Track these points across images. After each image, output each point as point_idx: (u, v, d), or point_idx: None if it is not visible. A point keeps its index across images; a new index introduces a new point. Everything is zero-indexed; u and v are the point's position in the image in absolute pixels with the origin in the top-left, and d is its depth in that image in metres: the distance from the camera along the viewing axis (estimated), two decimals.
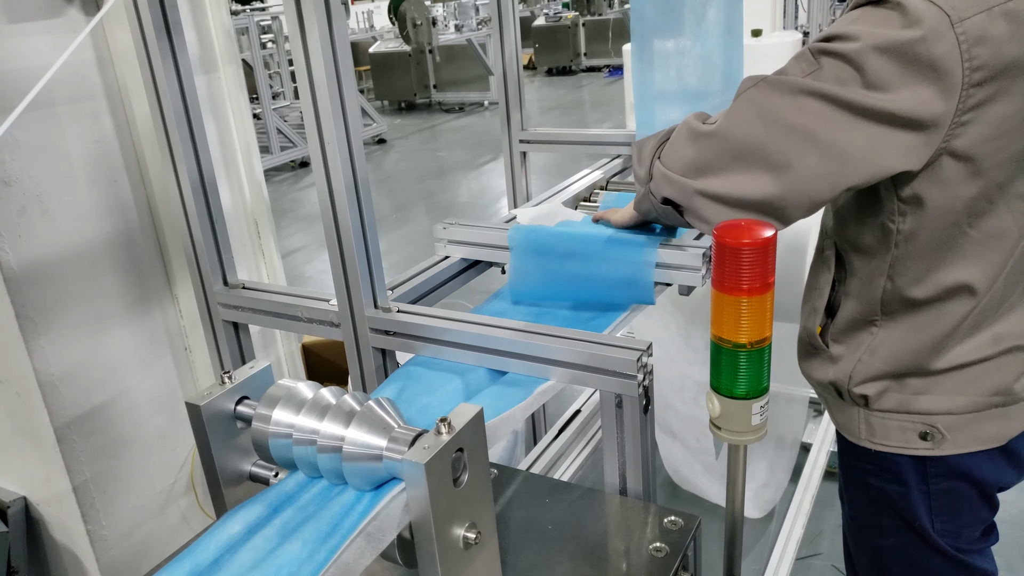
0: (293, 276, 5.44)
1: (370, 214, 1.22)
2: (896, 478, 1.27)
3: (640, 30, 1.67)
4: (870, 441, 1.27)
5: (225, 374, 0.96)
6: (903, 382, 1.22)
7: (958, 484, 1.24)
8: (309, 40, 1.10)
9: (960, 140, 1.04)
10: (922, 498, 1.26)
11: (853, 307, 1.24)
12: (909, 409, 1.22)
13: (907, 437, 1.23)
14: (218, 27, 1.98)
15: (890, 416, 1.24)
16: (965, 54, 0.98)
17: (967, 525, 1.28)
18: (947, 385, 1.20)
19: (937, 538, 1.27)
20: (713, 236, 0.95)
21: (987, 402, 1.20)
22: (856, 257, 1.23)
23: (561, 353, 1.14)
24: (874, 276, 1.20)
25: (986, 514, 1.29)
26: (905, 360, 1.21)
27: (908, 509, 1.27)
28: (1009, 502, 1.31)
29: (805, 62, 1.08)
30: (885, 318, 1.21)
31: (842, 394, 1.28)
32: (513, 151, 2.21)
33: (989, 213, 1.10)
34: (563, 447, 2.22)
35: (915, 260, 1.15)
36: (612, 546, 1.06)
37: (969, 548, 1.29)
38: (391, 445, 0.83)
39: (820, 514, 2.53)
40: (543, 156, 6.34)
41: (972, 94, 1.00)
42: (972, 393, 1.20)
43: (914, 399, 1.22)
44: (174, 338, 2.04)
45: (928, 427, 1.21)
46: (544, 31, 13.75)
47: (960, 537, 1.28)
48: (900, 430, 1.24)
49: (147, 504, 2.03)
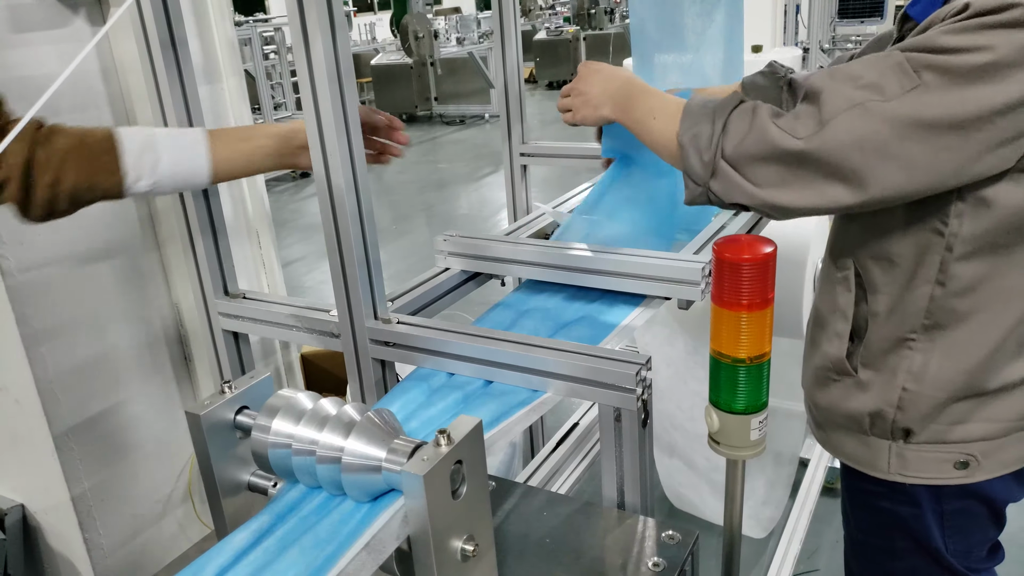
0: (293, 286, 5.45)
1: (371, 225, 1.23)
2: (910, 500, 1.24)
3: (640, 45, 1.68)
4: (900, 475, 1.22)
5: (225, 384, 0.97)
6: (948, 412, 1.17)
7: (971, 504, 1.23)
8: (312, 51, 1.10)
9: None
10: (935, 519, 1.23)
11: (884, 326, 1.18)
12: (946, 439, 1.18)
13: (942, 468, 1.19)
14: (221, 38, 2.00)
15: (925, 448, 1.19)
16: None
17: (977, 544, 1.27)
18: (988, 411, 1.16)
19: (950, 558, 1.26)
20: (713, 251, 0.96)
21: (1015, 426, 1.17)
22: (884, 271, 1.17)
23: (560, 366, 1.14)
24: (917, 286, 1.14)
25: (994, 532, 1.28)
26: (958, 383, 1.15)
27: (922, 530, 1.25)
28: (1009, 519, 1.31)
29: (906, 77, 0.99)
30: (924, 335, 1.15)
31: (878, 425, 1.21)
32: (514, 164, 2.22)
33: None
34: (561, 460, 2.21)
35: (968, 265, 1.10)
36: (610, 560, 1.06)
37: (978, 567, 1.29)
38: (390, 456, 0.83)
39: (818, 530, 2.52)
40: (543, 169, 6.35)
41: None
42: (1005, 418, 1.17)
43: (951, 429, 1.18)
44: (174, 347, 2.04)
45: (967, 455, 1.18)
46: (545, 45, 13.81)
47: (970, 556, 1.27)
48: (936, 461, 1.19)
49: (144, 513, 2.02)
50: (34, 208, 1.18)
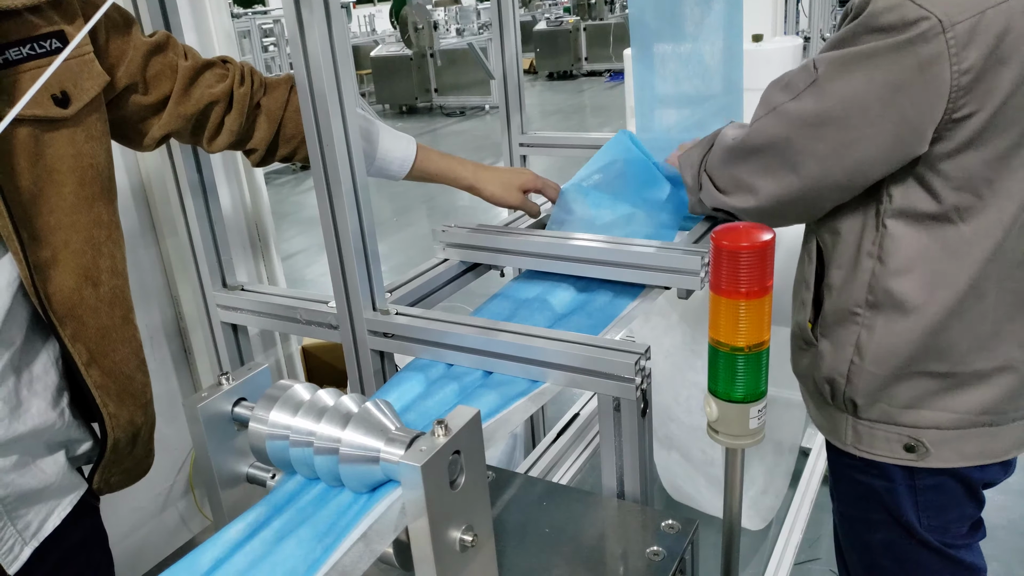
0: (293, 279, 5.45)
1: (369, 217, 1.22)
2: (882, 474, 1.28)
3: (640, 35, 1.67)
4: (855, 447, 1.29)
5: (223, 375, 0.96)
6: (891, 392, 1.22)
7: (944, 481, 1.25)
8: (309, 43, 1.10)
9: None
10: (908, 494, 1.27)
11: (835, 298, 1.25)
12: (897, 420, 1.23)
13: (892, 448, 1.25)
14: (219, 30, 1.99)
15: (876, 426, 1.25)
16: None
17: (954, 521, 1.29)
18: (943, 400, 1.20)
19: (924, 533, 1.28)
20: (711, 239, 0.95)
21: (974, 420, 1.20)
22: (835, 245, 1.24)
23: (559, 356, 1.14)
24: (861, 260, 1.20)
25: (972, 510, 1.30)
26: (893, 363, 1.20)
27: (895, 504, 1.29)
28: (1008, 507, 1.32)
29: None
30: (868, 311, 1.21)
31: (835, 395, 1.28)
32: (513, 155, 2.21)
33: (978, 209, 1.11)
34: (561, 450, 2.21)
35: (901, 244, 1.15)
36: (609, 550, 1.06)
37: (956, 543, 1.30)
38: (388, 447, 0.83)
39: (819, 519, 2.52)
40: (543, 160, 6.31)
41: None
42: (962, 410, 1.20)
43: (902, 412, 1.22)
44: (173, 340, 2.04)
45: (913, 440, 1.22)
46: (545, 35, 13.77)
47: (947, 532, 1.29)
48: (886, 440, 1.25)
49: (145, 505, 2.03)
50: (264, 160, 1.37)
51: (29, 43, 0.97)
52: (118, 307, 1.13)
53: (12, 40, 0.96)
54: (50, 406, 1.07)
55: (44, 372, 1.07)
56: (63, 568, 1.13)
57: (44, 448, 1.09)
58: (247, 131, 1.31)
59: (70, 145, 1.02)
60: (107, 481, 1.18)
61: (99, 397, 1.10)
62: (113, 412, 1.12)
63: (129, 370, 1.15)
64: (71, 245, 1.04)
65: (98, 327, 1.09)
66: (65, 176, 1.02)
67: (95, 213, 1.07)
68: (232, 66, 1.29)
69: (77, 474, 1.16)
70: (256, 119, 1.31)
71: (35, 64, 0.97)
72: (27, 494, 1.06)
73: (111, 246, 1.11)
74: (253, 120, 1.31)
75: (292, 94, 1.33)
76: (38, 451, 1.08)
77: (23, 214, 0.98)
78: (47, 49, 0.99)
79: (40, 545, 1.08)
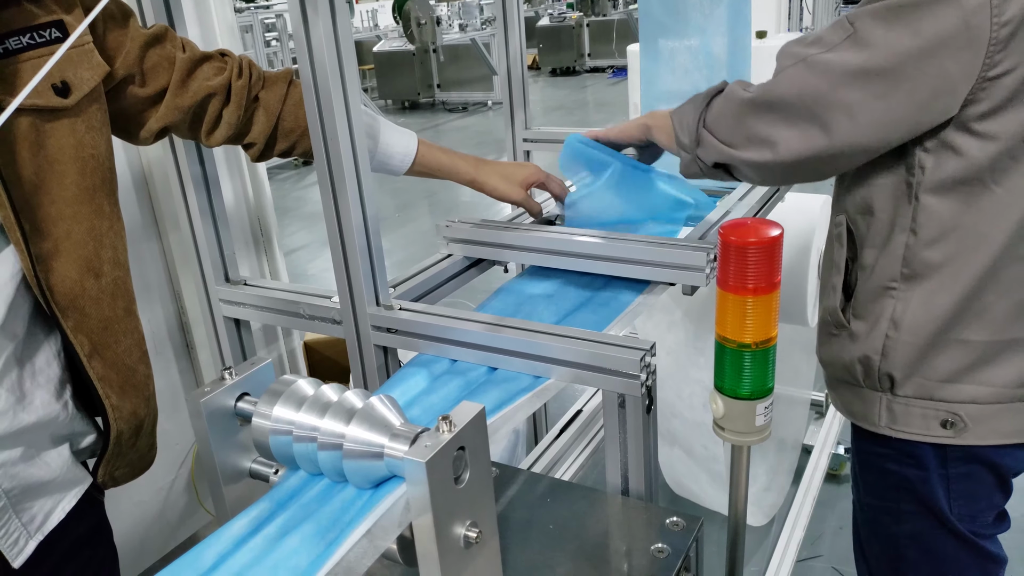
0: (296, 274, 5.45)
1: (373, 211, 1.22)
2: (916, 463, 1.26)
3: (648, 29, 1.67)
4: (890, 428, 1.26)
5: (226, 370, 0.96)
6: (929, 363, 1.20)
7: (975, 469, 1.24)
8: (312, 38, 1.09)
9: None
10: (940, 482, 1.26)
11: (869, 277, 1.23)
12: (933, 396, 1.21)
13: (928, 424, 1.22)
14: (221, 24, 1.98)
15: (913, 403, 1.23)
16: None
17: (983, 510, 1.28)
18: (982, 374, 1.18)
19: (955, 522, 1.27)
20: (719, 234, 0.95)
21: (1013, 394, 1.18)
22: (868, 224, 1.22)
23: (563, 352, 1.13)
24: (895, 235, 1.18)
25: (1000, 499, 1.29)
26: (931, 328, 1.18)
27: (928, 493, 1.27)
28: (1010, 506, 1.31)
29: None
30: (903, 283, 1.19)
31: (868, 374, 1.26)
32: (516, 150, 2.21)
33: (1013, 170, 1.09)
34: (565, 447, 2.21)
35: (935, 213, 1.14)
36: (614, 546, 1.05)
37: (984, 532, 1.30)
38: (392, 443, 0.82)
39: (821, 516, 2.52)
40: (546, 155, 6.31)
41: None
42: (1000, 384, 1.18)
43: (940, 386, 1.20)
44: (176, 335, 2.04)
45: (951, 415, 1.20)
46: (548, 31, 13.76)
47: (976, 521, 1.28)
48: (922, 417, 1.23)
49: (148, 501, 2.03)
50: (264, 155, 1.37)
51: (28, 32, 0.96)
52: (120, 298, 1.12)
53: (12, 29, 0.95)
54: (54, 398, 1.07)
55: (47, 364, 1.07)
56: (68, 562, 1.13)
57: (49, 440, 1.08)
58: (245, 124, 1.30)
59: (71, 135, 1.02)
60: (111, 475, 1.18)
61: (101, 389, 1.09)
62: (116, 404, 1.11)
63: (132, 362, 1.14)
64: (73, 236, 1.04)
65: (100, 319, 1.09)
66: (66, 166, 1.02)
67: (96, 204, 1.07)
68: (230, 59, 1.28)
69: (82, 468, 1.16)
70: (254, 112, 1.30)
71: (35, 53, 0.97)
72: (32, 487, 1.05)
73: (113, 237, 1.10)
74: (251, 113, 1.30)
75: (290, 88, 1.32)
76: (43, 443, 1.07)
77: (25, 205, 0.97)
78: (47, 38, 0.98)
79: (45, 538, 1.08)
